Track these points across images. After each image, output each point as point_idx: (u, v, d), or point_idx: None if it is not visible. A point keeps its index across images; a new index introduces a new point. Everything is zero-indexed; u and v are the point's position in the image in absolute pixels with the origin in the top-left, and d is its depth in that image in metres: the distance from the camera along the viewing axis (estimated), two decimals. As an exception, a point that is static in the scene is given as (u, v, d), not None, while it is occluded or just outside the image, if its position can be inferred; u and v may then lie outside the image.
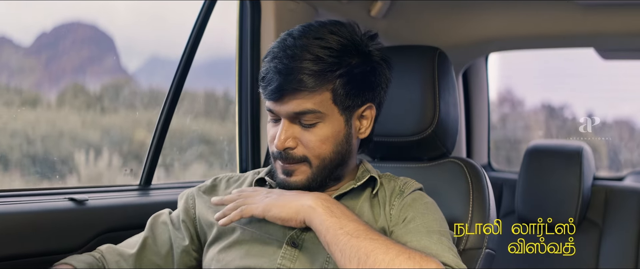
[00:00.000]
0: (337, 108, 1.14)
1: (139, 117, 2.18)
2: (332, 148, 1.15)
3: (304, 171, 1.15)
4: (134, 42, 2.07)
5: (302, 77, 1.10)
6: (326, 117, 1.13)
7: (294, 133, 1.14)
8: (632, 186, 2.29)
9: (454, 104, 1.47)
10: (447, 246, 1.09)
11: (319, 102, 1.12)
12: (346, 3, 2.03)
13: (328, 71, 1.11)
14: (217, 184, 1.31)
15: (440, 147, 1.44)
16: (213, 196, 1.26)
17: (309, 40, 1.12)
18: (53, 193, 1.46)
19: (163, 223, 1.29)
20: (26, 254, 1.30)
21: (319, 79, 1.11)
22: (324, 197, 1.11)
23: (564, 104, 2.88)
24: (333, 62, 1.11)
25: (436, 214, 1.16)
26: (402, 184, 1.22)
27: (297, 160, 1.14)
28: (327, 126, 1.14)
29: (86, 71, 2.07)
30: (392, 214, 1.16)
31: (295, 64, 1.10)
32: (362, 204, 1.20)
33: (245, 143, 1.92)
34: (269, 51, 1.16)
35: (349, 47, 1.14)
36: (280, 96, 1.12)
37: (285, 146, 1.13)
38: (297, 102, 1.11)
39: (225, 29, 1.92)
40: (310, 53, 1.10)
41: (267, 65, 1.14)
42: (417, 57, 1.45)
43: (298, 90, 1.11)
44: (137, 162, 2.14)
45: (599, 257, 2.17)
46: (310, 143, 1.14)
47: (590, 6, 2.12)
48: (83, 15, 1.90)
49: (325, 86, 1.12)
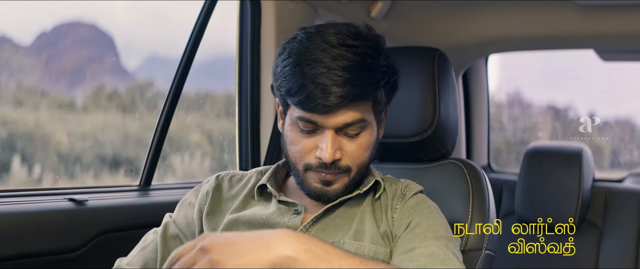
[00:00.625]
0: (373, 115, 1.13)
1: (188, 120, 2.19)
2: (370, 153, 1.15)
3: (343, 180, 1.14)
4: (133, 41, 2.07)
5: (353, 90, 1.05)
6: (368, 125, 1.12)
7: (340, 144, 1.11)
8: (632, 188, 2.30)
9: (454, 105, 1.47)
10: (453, 252, 1.08)
11: (366, 111, 1.10)
12: (346, 3, 2.03)
13: (379, 81, 1.09)
14: (220, 183, 1.27)
15: (440, 149, 1.44)
16: (217, 198, 1.23)
17: (353, 50, 1.06)
18: (53, 193, 1.46)
19: (174, 237, 1.22)
20: (26, 254, 1.30)
21: (369, 89, 1.08)
22: (297, 238, 0.91)
23: (568, 105, 2.89)
24: (384, 72, 1.10)
25: (441, 219, 1.16)
26: (403, 187, 1.21)
27: (342, 171, 1.13)
28: (368, 134, 1.13)
29: (108, 72, 2.08)
30: (395, 218, 1.16)
31: (344, 77, 1.04)
32: (365, 207, 1.19)
33: (245, 143, 1.92)
34: (298, 55, 1.08)
35: (389, 57, 1.13)
36: (330, 109, 1.06)
37: (334, 158, 1.09)
38: (350, 113, 1.07)
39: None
40: (363, 64, 1.06)
41: (307, 73, 1.05)
42: (417, 58, 1.45)
43: (350, 103, 1.06)
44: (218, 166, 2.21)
45: (599, 259, 2.17)
46: (355, 153, 1.12)
47: (590, 8, 2.12)
48: (82, 14, 1.91)
49: (373, 95, 1.10)
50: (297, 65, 1.07)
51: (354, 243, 1.12)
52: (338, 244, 1.12)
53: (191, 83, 1.81)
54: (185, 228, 1.22)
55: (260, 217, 1.17)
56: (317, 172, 1.12)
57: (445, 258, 1.04)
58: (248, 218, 1.18)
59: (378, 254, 1.12)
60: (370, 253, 1.11)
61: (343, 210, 1.18)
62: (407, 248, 1.08)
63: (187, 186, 1.76)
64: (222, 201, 1.24)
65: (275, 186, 1.21)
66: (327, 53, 1.05)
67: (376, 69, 1.08)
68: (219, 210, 1.22)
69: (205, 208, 1.22)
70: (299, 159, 1.13)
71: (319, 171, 1.12)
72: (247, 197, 1.23)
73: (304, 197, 1.20)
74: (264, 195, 1.23)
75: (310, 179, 1.14)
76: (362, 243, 1.12)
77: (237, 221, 1.18)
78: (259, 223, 1.17)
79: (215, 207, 1.23)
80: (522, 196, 2.31)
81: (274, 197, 1.20)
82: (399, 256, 1.08)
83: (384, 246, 1.13)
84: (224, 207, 1.23)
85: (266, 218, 1.17)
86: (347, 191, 1.15)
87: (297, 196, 1.21)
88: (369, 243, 1.12)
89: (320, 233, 1.15)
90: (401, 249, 1.09)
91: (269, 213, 1.18)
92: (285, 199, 1.19)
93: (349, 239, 1.13)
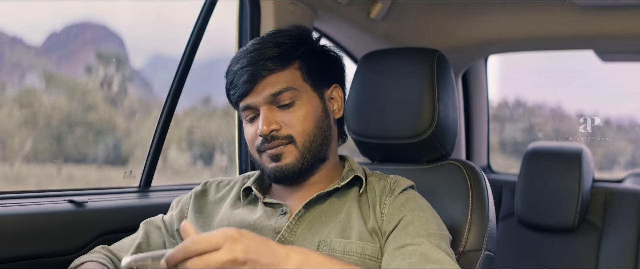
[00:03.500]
0: (308, 85, 1.21)
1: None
2: (314, 123, 1.20)
3: (292, 152, 1.18)
4: (138, 40, 2.08)
5: (268, 61, 1.17)
6: (301, 94, 1.19)
7: (276, 117, 1.18)
8: (632, 188, 2.29)
9: (453, 106, 1.47)
10: (446, 251, 1.09)
11: (291, 79, 1.19)
12: (345, 4, 2.03)
13: (291, 50, 1.19)
14: (207, 189, 1.33)
15: (439, 150, 1.44)
16: (203, 201, 1.29)
17: (264, 39, 1.22)
18: (53, 195, 1.46)
19: (157, 227, 1.30)
20: (26, 256, 1.30)
21: (284, 58, 1.18)
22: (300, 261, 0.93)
23: (568, 105, 2.89)
24: (293, 43, 1.20)
25: (433, 216, 1.16)
26: (392, 182, 1.22)
27: (283, 140, 1.17)
28: (305, 103, 1.20)
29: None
30: (384, 214, 1.16)
31: (258, 53, 1.18)
32: (351, 204, 1.19)
33: (245, 145, 1.92)
34: (230, 63, 1.23)
35: (303, 34, 1.25)
36: (253, 85, 1.17)
37: (271, 128, 1.17)
38: (270, 85, 1.17)
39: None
40: (270, 43, 1.20)
41: (233, 69, 1.21)
42: (416, 59, 1.45)
43: (268, 73, 1.17)
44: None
45: (599, 259, 2.17)
46: (293, 121, 1.18)
47: (590, 8, 2.12)
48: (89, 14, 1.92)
49: (292, 65, 1.20)
50: (229, 68, 1.23)
51: (342, 241, 1.13)
52: (325, 242, 1.13)
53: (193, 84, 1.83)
54: (169, 224, 1.30)
55: (248, 222, 1.20)
56: (265, 152, 1.19)
57: (438, 257, 1.05)
58: (237, 223, 1.21)
59: (366, 250, 1.12)
60: (357, 250, 1.12)
61: (327, 206, 1.20)
62: (399, 245, 1.08)
63: (187, 187, 1.76)
64: (208, 203, 1.30)
65: (260, 189, 1.26)
66: (244, 49, 1.21)
67: (287, 43, 1.20)
68: (206, 211, 1.28)
69: (189, 208, 1.29)
70: (252, 147, 1.22)
71: (265, 149, 1.19)
72: (234, 200, 1.27)
73: (289, 199, 1.23)
74: (250, 199, 1.27)
75: (264, 161, 1.20)
76: (350, 241, 1.13)
77: (227, 225, 1.21)
78: (248, 227, 1.19)
79: (201, 208, 1.29)
80: (522, 197, 2.30)
81: (260, 200, 1.23)
82: (392, 253, 1.08)
83: (372, 242, 1.13)
84: (211, 208, 1.28)
85: (254, 222, 1.20)
86: (304, 165, 1.19)
87: (282, 198, 1.24)
88: (356, 240, 1.13)
89: (307, 232, 1.16)
90: (393, 245, 1.10)
91: (256, 217, 1.21)
92: (270, 200, 1.22)
93: (336, 237, 1.14)
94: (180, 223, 1.28)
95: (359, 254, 1.12)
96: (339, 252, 1.12)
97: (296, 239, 1.15)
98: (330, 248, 1.12)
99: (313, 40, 1.26)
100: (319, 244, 1.13)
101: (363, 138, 1.48)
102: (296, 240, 1.15)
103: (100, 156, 1.94)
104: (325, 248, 1.13)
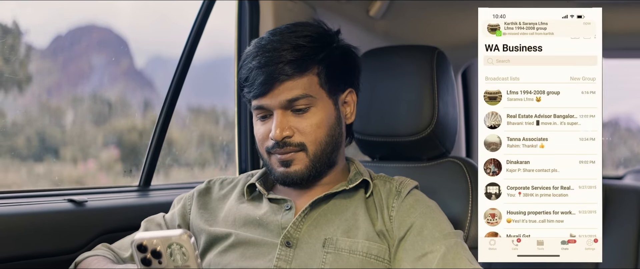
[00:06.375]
0: (325, 92, 1.18)
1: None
2: (327, 131, 1.18)
3: (302, 159, 1.17)
4: (139, 41, 2.07)
5: (286, 66, 1.14)
6: (317, 101, 1.17)
7: (289, 122, 1.16)
8: (632, 185, 2.29)
9: (453, 104, 1.47)
10: (464, 248, 1.11)
11: (308, 86, 1.16)
12: (345, 3, 2.03)
13: (311, 55, 1.16)
14: (211, 187, 1.32)
15: (439, 147, 1.44)
16: (207, 198, 1.29)
17: (283, 35, 1.17)
18: (52, 194, 1.46)
19: (158, 225, 1.30)
20: (25, 255, 1.30)
21: (303, 64, 1.15)
22: None
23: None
24: (314, 47, 1.16)
25: (443, 216, 1.17)
26: (397, 184, 1.22)
27: (295, 147, 1.16)
28: (320, 110, 1.17)
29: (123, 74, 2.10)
30: (394, 216, 1.16)
31: (277, 55, 1.14)
32: (357, 205, 1.19)
33: (245, 144, 1.92)
34: (245, 55, 1.20)
35: (324, 35, 1.20)
36: (269, 88, 1.14)
37: (284, 135, 1.15)
38: (287, 90, 1.15)
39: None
40: (289, 43, 1.15)
41: (248, 66, 1.17)
42: (415, 57, 1.45)
43: (286, 78, 1.14)
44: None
45: (599, 256, 2.17)
46: (306, 129, 1.16)
47: (590, 5, 2.12)
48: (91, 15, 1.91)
49: (311, 70, 1.16)
50: (244, 61, 1.19)
51: (348, 240, 1.13)
52: (331, 240, 1.14)
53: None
54: (170, 222, 1.30)
55: (254, 217, 1.20)
56: (275, 155, 1.18)
57: (456, 261, 1.07)
58: (244, 217, 1.21)
59: (371, 250, 1.13)
60: (363, 249, 1.13)
61: (333, 205, 1.20)
62: (420, 253, 1.09)
63: (187, 186, 1.76)
64: (212, 200, 1.29)
65: (264, 186, 1.25)
66: (260, 44, 1.18)
67: (308, 46, 1.16)
68: (210, 207, 1.28)
69: (193, 204, 1.28)
70: (261, 146, 1.20)
71: (276, 153, 1.17)
72: (239, 196, 1.27)
73: (294, 195, 1.22)
74: (254, 196, 1.27)
75: (273, 163, 1.19)
76: (356, 240, 1.13)
77: (234, 222, 1.22)
78: (254, 222, 1.19)
79: (205, 204, 1.28)
80: (522, 194, 2.30)
81: (264, 196, 1.23)
82: (413, 263, 1.09)
83: (379, 243, 1.14)
84: (215, 205, 1.28)
85: (260, 218, 1.20)
86: (312, 173, 1.18)
87: (286, 195, 1.24)
88: (362, 240, 1.13)
89: (313, 229, 1.16)
90: (412, 254, 1.10)
91: (262, 213, 1.21)
92: (274, 196, 1.22)
93: (342, 236, 1.14)
94: (181, 219, 1.28)
95: (364, 254, 1.12)
96: (345, 251, 1.12)
97: (301, 236, 1.15)
98: (336, 247, 1.13)
99: (333, 43, 1.22)
100: (324, 242, 1.14)
101: (363, 136, 1.48)
102: (301, 237, 1.15)
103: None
104: (331, 246, 1.13)
